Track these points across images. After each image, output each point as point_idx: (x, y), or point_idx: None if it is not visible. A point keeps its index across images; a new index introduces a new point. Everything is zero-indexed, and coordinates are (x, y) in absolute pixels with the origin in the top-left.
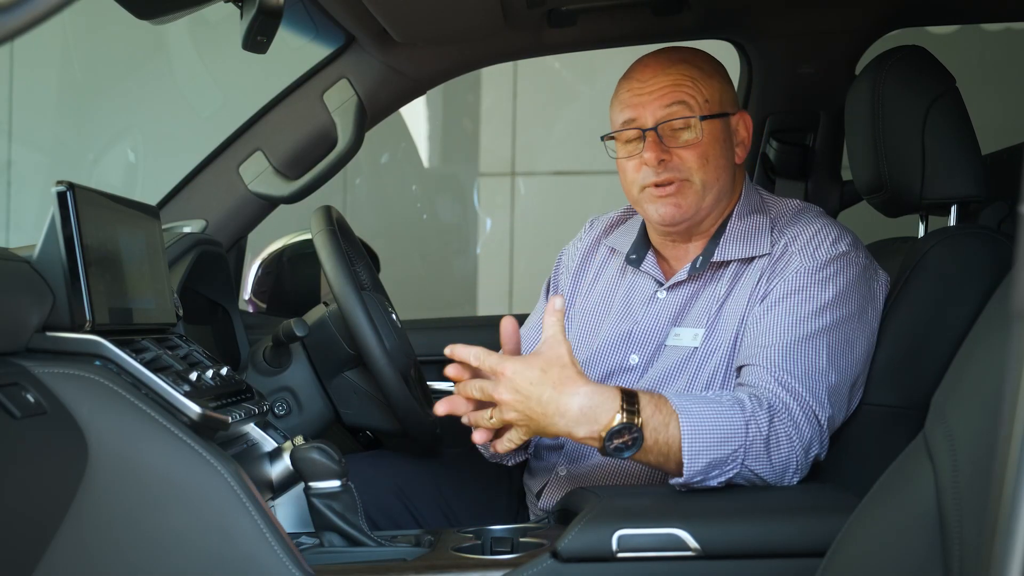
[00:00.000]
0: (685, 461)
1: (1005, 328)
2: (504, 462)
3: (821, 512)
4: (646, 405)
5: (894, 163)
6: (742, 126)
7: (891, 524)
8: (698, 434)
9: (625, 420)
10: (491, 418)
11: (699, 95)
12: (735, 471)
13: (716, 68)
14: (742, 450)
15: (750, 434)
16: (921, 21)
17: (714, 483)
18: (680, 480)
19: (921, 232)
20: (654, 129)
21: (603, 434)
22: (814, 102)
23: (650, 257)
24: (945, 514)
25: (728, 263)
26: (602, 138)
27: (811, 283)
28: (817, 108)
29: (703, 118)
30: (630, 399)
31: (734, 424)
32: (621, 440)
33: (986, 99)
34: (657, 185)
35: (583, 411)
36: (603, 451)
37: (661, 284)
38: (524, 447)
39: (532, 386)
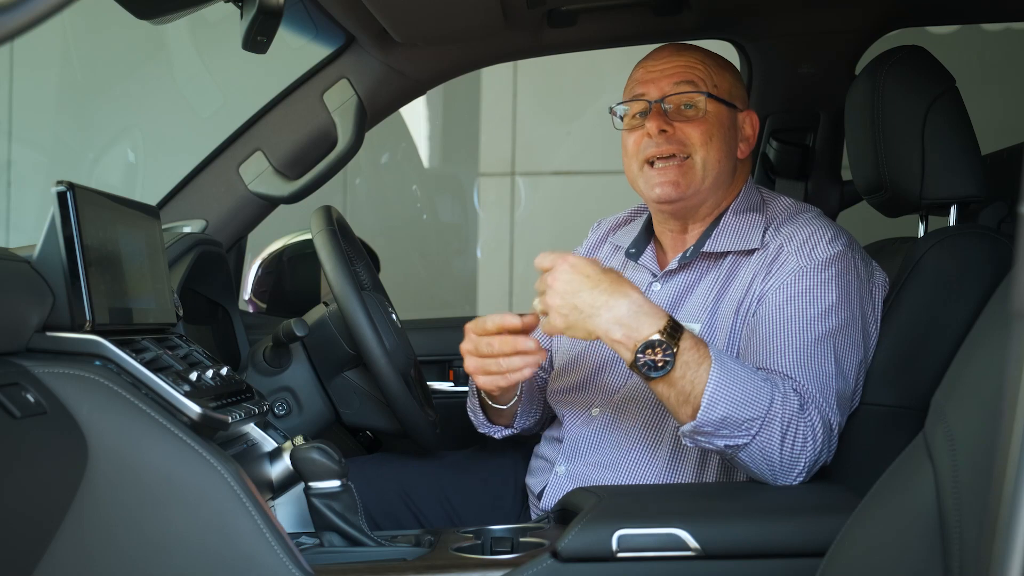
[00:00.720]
0: (703, 404)
1: (1005, 328)
2: (493, 434)
3: (821, 512)
4: (687, 338)
5: (894, 163)
6: (748, 124)
7: (891, 524)
8: (725, 385)
9: (664, 339)
10: (537, 305)
11: (708, 79)
12: (744, 441)
13: (729, 66)
14: (759, 423)
15: (773, 411)
16: (921, 21)
17: (720, 444)
18: (690, 425)
19: (921, 232)
20: (660, 102)
21: (638, 343)
22: (814, 102)
23: (649, 251)
24: (945, 514)
25: (723, 257)
26: (610, 109)
27: (812, 285)
28: (817, 108)
29: (709, 95)
30: (675, 326)
31: (761, 394)
32: (653, 355)
33: (986, 99)
34: (656, 160)
35: (630, 313)
36: (632, 364)
37: (656, 276)
38: (510, 417)
39: (588, 278)
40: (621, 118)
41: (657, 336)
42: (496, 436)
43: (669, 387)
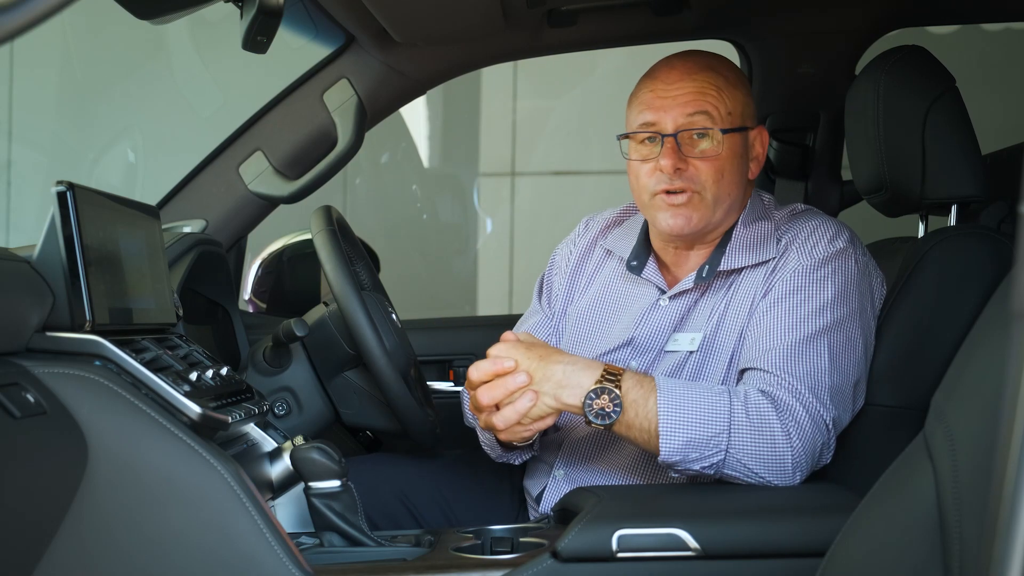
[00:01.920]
0: (661, 435)
1: (1005, 328)
2: (511, 461)
3: (821, 512)
4: (627, 378)
5: (894, 163)
6: (759, 142)
7: (891, 524)
8: (675, 410)
9: (604, 386)
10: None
11: (723, 106)
12: (719, 458)
13: (740, 79)
14: (725, 436)
15: (736, 420)
16: (921, 21)
17: (697, 467)
18: (660, 458)
19: (921, 232)
20: (674, 136)
21: (582, 397)
22: (814, 102)
23: (651, 264)
24: (945, 514)
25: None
26: (618, 137)
27: (810, 282)
28: (817, 108)
29: (724, 131)
30: (612, 372)
31: (716, 407)
32: (601, 404)
33: (986, 99)
34: (669, 192)
35: (567, 375)
36: (587, 419)
37: (663, 291)
38: (530, 446)
39: (527, 360)
40: (627, 137)
41: (597, 384)
42: (515, 462)
43: (628, 429)
